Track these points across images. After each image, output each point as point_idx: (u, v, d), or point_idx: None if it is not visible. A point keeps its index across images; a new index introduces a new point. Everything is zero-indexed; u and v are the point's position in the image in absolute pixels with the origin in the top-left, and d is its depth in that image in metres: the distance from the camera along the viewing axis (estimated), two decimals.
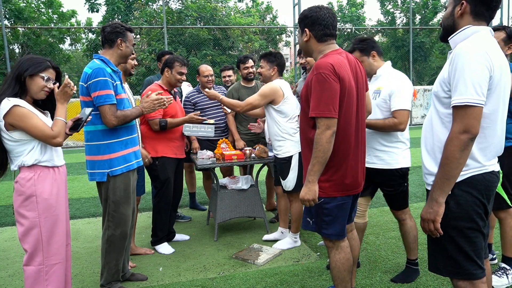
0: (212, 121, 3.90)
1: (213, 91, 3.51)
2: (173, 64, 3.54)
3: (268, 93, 3.37)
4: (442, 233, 1.66)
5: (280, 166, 3.51)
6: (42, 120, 2.20)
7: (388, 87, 2.69)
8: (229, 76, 4.76)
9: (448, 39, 1.73)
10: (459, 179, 1.63)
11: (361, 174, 2.24)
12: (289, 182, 3.49)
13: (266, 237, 3.83)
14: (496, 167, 1.72)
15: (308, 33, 2.20)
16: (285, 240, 3.64)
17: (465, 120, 1.55)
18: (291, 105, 3.42)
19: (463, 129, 1.55)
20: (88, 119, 2.42)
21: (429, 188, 1.75)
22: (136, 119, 3.05)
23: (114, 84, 2.68)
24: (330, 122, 2.02)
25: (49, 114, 2.36)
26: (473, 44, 1.58)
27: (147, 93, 2.91)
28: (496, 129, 1.66)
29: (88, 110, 2.40)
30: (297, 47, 5.09)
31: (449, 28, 1.73)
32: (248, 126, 4.08)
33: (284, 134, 3.42)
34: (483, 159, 1.65)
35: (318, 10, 2.18)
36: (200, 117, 3.61)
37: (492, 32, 1.69)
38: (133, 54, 2.96)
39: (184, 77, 3.61)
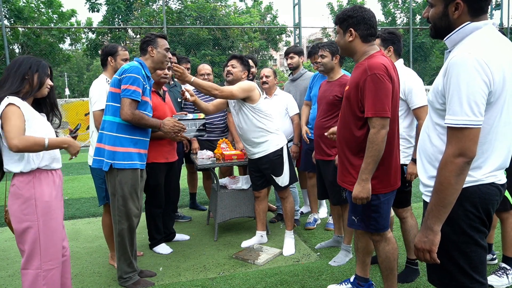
0: (202, 115, 3.86)
1: (189, 75, 3.14)
2: None
3: (247, 88, 3.31)
4: (439, 261, 1.52)
5: (272, 164, 3.46)
6: (22, 124, 2.13)
7: (400, 85, 2.70)
8: None
9: (444, 40, 1.55)
10: None
11: (400, 169, 2.39)
12: (285, 177, 3.50)
13: (245, 243, 3.72)
14: (499, 178, 1.53)
15: (354, 32, 2.23)
16: (289, 242, 3.59)
17: (460, 142, 1.39)
18: (267, 104, 3.53)
19: (458, 152, 1.39)
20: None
21: (424, 198, 1.66)
22: None
23: (145, 86, 2.84)
24: (385, 122, 2.13)
25: (46, 116, 2.37)
26: (471, 52, 1.39)
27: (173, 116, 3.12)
28: (497, 142, 1.49)
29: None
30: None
31: (444, 29, 1.55)
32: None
33: (269, 130, 3.42)
34: (478, 174, 1.49)
35: (363, 10, 2.22)
36: (184, 135, 3.53)
37: (495, 23, 1.52)
38: (170, 58, 3.04)
39: (166, 71, 3.44)
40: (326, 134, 2.89)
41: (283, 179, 3.50)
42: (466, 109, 1.37)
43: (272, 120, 3.47)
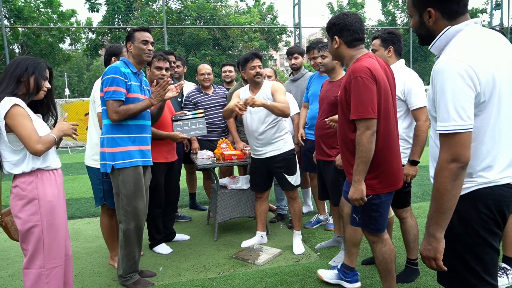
0: (201, 111, 3.85)
1: (261, 100, 3.22)
2: (151, 61, 3.47)
3: (285, 90, 3.47)
4: (445, 269, 1.51)
5: (287, 163, 3.49)
6: (34, 125, 2.16)
7: (400, 85, 2.72)
8: (229, 71, 4.72)
9: (429, 48, 1.56)
10: (462, 192, 1.47)
11: (401, 169, 2.39)
12: (298, 176, 3.56)
13: (245, 243, 3.72)
14: None
15: (338, 40, 2.30)
16: (297, 242, 3.60)
17: (452, 148, 1.40)
18: None
19: (451, 158, 1.40)
20: None
21: None
22: None
23: (128, 83, 2.82)
24: (369, 123, 2.14)
25: (41, 117, 2.35)
26: (452, 58, 1.40)
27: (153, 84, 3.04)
28: (502, 139, 1.47)
29: None
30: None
31: (426, 36, 1.57)
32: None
33: (286, 129, 3.52)
34: (490, 174, 1.48)
35: (345, 17, 2.29)
36: (184, 136, 3.56)
37: (478, 21, 1.50)
38: (149, 50, 2.92)
39: (163, 72, 3.44)
40: (327, 120, 2.95)
41: (296, 178, 3.54)
42: (453, 114, 1.38)
43: (286, 120, 3.53)
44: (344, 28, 2.27)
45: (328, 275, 2.92)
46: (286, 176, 3.50)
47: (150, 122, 3.03)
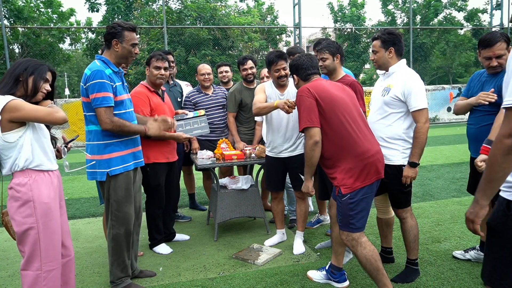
0: (202, 111, 3.85)
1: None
2: (150, 61, 3.45)
3: None
4: (482, 235, 1.57)
5: (304, 164, 3.50)
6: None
7: (401, 86, 2.71)
8: (226, 71, 4.71)
9: None
10: None
11: (378, 161, 2.50)
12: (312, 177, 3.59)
13: (269, 242, 3.73)
14: None
15: (296, 77, 2.83)
16: (298, 242, 3.59)
17: (511, 123, 1.39)
18: None
19: (508, 132, 1.39)
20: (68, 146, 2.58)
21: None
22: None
23: (114, 86, 2.69)
24: (310, 132, 2.48)
25: None
26: None
27: (155, 117, 2.99)
28: None
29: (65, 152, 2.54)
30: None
31: None
32: None
33: None
34: None
35: (299, 59, 2.79)
36: (187, 136, 3.55)
37: None
38: (136, 53, 2.83)
39: (162, 71, 3.41)
40: None
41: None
42: None
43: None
44: (299, 68, 2.77)
45: (317, 276, 2.98)
46: (302, 176, 3.48)
47: (136, 122, 2.94)
